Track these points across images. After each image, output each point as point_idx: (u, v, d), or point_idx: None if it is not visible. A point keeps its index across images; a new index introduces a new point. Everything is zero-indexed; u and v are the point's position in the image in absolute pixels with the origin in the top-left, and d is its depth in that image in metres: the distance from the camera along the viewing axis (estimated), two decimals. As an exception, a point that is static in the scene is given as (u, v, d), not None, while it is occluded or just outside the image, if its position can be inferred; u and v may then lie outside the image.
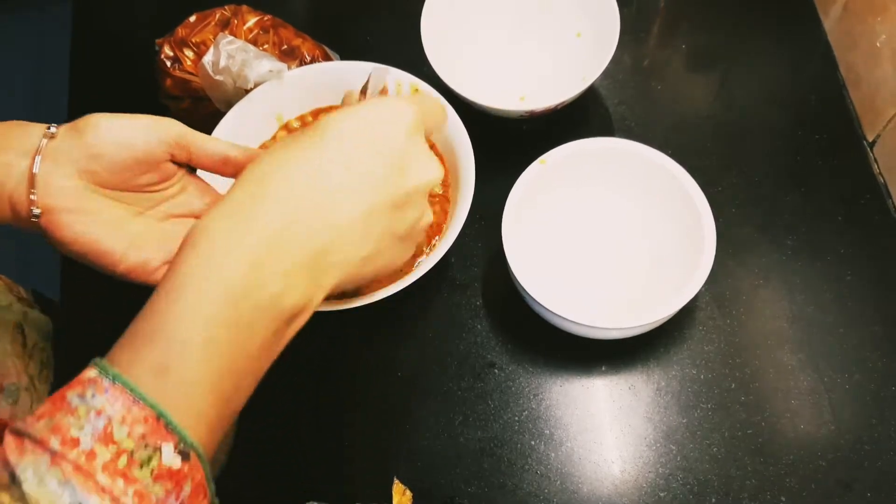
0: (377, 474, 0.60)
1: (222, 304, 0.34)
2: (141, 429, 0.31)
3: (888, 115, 0.67)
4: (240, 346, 0.35)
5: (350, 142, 0.38)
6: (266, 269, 0.35)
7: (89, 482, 0.30)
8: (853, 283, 0.64)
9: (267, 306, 0.36)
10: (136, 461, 0.31)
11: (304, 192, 0.37)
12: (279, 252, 0.36)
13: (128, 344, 0.34)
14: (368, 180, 0.38)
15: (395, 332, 0.65)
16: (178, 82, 0.69)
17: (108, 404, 0.31)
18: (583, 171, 0.63)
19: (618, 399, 0.61)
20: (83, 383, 0.32)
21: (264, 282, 0.35)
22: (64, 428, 0.30)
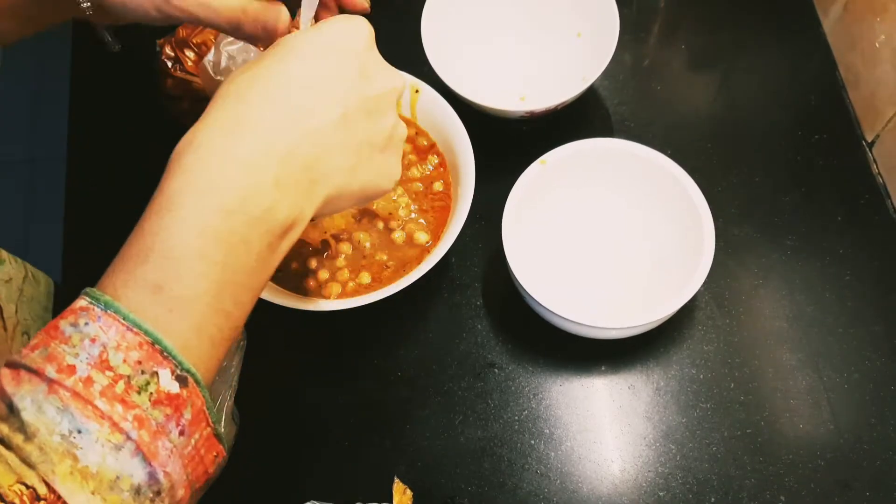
0: (377, 474, 0.60)
1: (215, 218, 0.34)
2: (136, 354, 0.31)
3: (888, 115, 0.67)
4: (235, 259, 0.35)
5: (314, 55, 0.39)
6: (257, 181, 0.35)
7: (88, 408, 0.30)
8: (853, 283, 0.64)
9: (260, 218, 0.35)
10: (133, 386, 0.30)
11: (281, 106, 0.37)
12: (267, 164, 0.36)
13: (120, 266, 0.34)
14: (338, 87, 0.39)
15: (395, 332, 0.66)
16: (178, 83, 0.69)
17: (101, 332, 0.31)
18: (583, 171, 0.64)
19: (617, 399, 0.62)
20: (75, 312, 0.32)
21: (256, 194, 0.35)
22: (59, 356, 0.30)
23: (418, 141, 0.66)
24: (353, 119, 0.39)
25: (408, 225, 0.63)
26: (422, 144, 0.66)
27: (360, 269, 0.61)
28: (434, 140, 0.65)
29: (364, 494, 0.58)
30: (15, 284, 0.67)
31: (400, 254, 0.62)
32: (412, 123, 0.66)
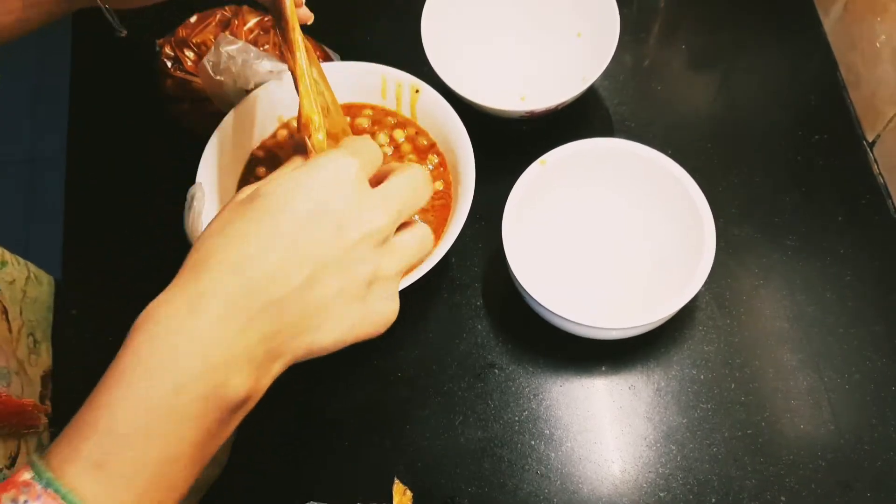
0: (377, 474, 0.60)
1: (165, 396, 0.34)
2: None
3: (888, 116, 0.67)
4: (183, 435, 0.34)
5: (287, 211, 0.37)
6: (209, 360, 0.35)
7: None
8: (853, 283, 0.64)
9: (211, 396, 0.35)
10: None
11: (242, 278, 0.36)
12: (221, 342, 0.35)
13: (67, 438, 0.33)
14: (307, 249, 0.37)
15: (395, 332, 0.65)
16: (178, 83, 0.69)
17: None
18: (583, 171, 0.64)
19: (618, 399, 0.61)
20: (17, 486, 0.32)
21: (207, 372, 0.34)
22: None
23: (418, 141, 0.66)
24: (321, 278, 0.37)
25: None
26: (422, 144, 0.66)
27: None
28: (434, 140, 0.65)
29: (364, 494, 0.58)
30: (18, 286, 0.67)
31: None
32: (412, 123, 0.66)
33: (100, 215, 0.73)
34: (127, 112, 0.77)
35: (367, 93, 0.66)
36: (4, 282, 0.66)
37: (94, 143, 0.77)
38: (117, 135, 0.77)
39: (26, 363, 0.65)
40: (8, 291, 0.66)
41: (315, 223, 0.37)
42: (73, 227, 0.73)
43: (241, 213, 0.37)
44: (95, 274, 0.71)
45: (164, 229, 0.65)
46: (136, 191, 0.73)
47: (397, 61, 0.65)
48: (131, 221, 0.72)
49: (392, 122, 0.67)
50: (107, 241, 0.72)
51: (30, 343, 0.66)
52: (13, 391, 0.62)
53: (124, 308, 0.68)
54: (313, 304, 0.38)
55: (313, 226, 0.37)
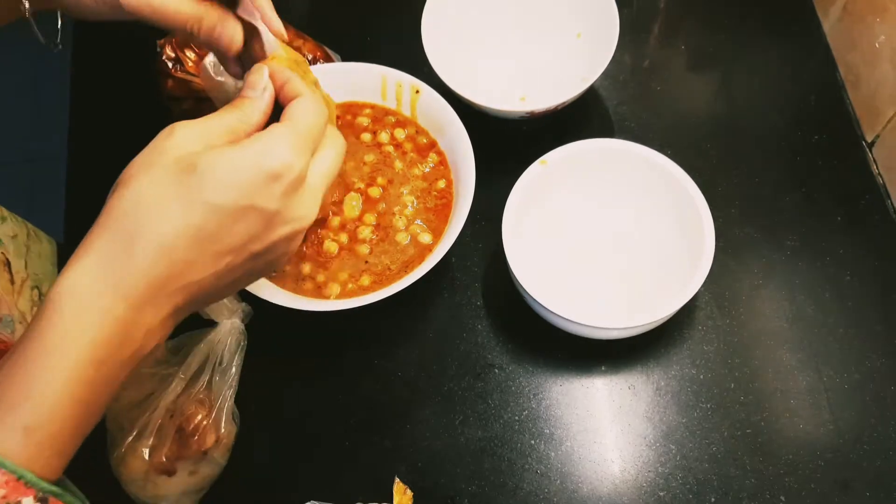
0: (377, 474, 0.60)
1: (89, 368, 0.36)
2: (3, 491, 0.33)
3: (888, 116, 0.67)
4: (103, 393, 0.37)
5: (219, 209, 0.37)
6: (130, 331, 0.37)
7: None
8: (853, 284, 0.64)
9: (128, 359, 0.37)
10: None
11: (169, 260, 0.37)
12: (142, 321, 0.37)
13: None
14: (231, 245, 0.38)
15: (395, 332, 0.66)
16: (179, 83, 0.69)
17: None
18: (583, 171, 0.64)
19: (617, 399, 0.62)
20: None
21: (128, 342, 0.37)
22: None
23: (419, 140, 0.66)
24: (238, 264, 0.39)
25: (411, 227, 0.63)
26: (422, 143, 0.66)
27: (360, 274, 0.62)
28: (434, 139, 0.66)
29: (364, 494, 0.59)
30: (21, 240, 0.67)
31: (403, 256, 0.62)
32: (412, 122, 0.66)
33: (100, 215, 0.73)
34: (127, 112, 0.77)
35: (367, 93, 0.67)
36: (7, 236, 0.66)
37: (95, 144, 0.77)
38: (118, 135, 0.76)
39: (28, 315, 0.65)
40: (12, 245, 0.65)
41: (243, 219, 0.38)
42: (73, 227, 0.73)
43: (177, 188, 0.37)
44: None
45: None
46: (137, 191, 0.73)
47: (397, 61, 0.65)
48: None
49: (392, 120, 0.67)
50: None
51: (34, 296, 0.66)
52: (17, 337, 0.62)
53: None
54: (227, 282, 0.40)
55: (240, 222, 0.38)
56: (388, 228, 0.63)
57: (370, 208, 0.64)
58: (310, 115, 0.41)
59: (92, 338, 0.36)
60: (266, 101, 0.42)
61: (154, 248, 0.37)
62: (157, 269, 0.37)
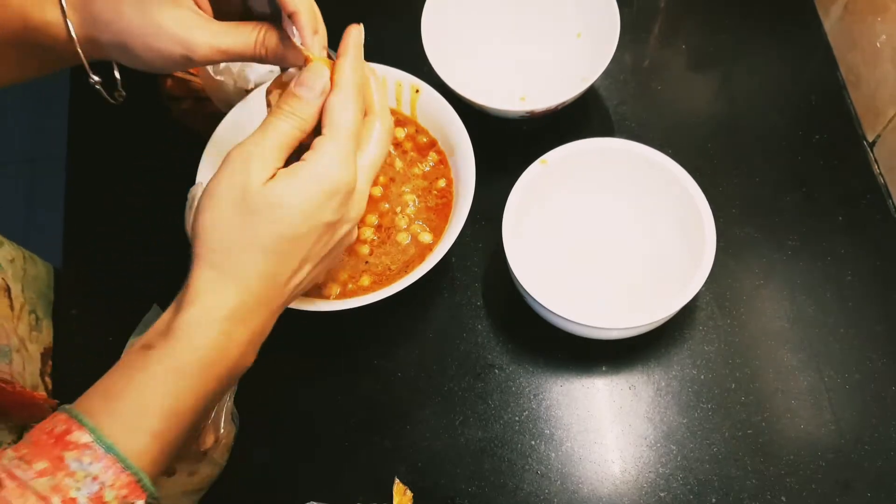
0: (377, 474, 0.60)
1: (213, 384, 0.42)
2: (125, 491, 0.38)
3: (888, 115, 0.67)
4: (211, 401, 0.42)
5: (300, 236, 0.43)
6: (244, 359, 0.43)
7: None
8: (854, 283, 0.64)
9: (239, 374, 0.43)
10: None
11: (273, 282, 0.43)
12: (257, 342, 0.44)
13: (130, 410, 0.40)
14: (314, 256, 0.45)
15: (395, 332, 0.65)
16: (178, 83, 0.69)
17: (102, 472, 0.37)
18: (583, 171, 0.63)
19: (618, 399, 0.61)
20: (80, 448, 0.38)
21: (243, 364, 0.43)
22: (64, 489, 0.37)
23: (419, 139, 0.66)
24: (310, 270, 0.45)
25: (412, 226, 0.63)
26: (422, 142, 0.66)
27: (360, 274, 0.61)
28: (435, 138, 0.65)
29: (364, 494, 0.58)
30: (18, 264, 0.67)
31: (403, 256, 0.62)
32: (412, 122, 0.66)
33: (100, 215, 0.73)
34: (127, 112, 0.77)
35: None
36: (6, 260, 0.66)
37: (95, 143, 0.77)
38: (118, 135, 0.76)
39: (27, 340, 0.65)
40: (10, 269, 0.66)
41: (312, 235, 0.44)
42: (73, 227, 0.73)
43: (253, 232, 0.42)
44: (96, 273, 0.71)
45: (164, 229, 0.65)
46: (137, 190, 0.73)
47: (397, 61, 0.65)
48: (131, 221, 0.72)
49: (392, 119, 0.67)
50: (107, 241, 0.72)
51: (31, 320, 0.67)
52: (14, 368, 0.62)
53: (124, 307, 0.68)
54: (305, 286, 0.46)
55: (310, 238, 0.44)
56: (389, 228, 0.63)
57: (372, 208, 0.63)
58: (348, 113, 0.45)
59: (217, 358, 0.41)
60: (321, 104, 0.45)
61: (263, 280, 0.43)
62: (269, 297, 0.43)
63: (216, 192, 0.43)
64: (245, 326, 0.42)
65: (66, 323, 0.69)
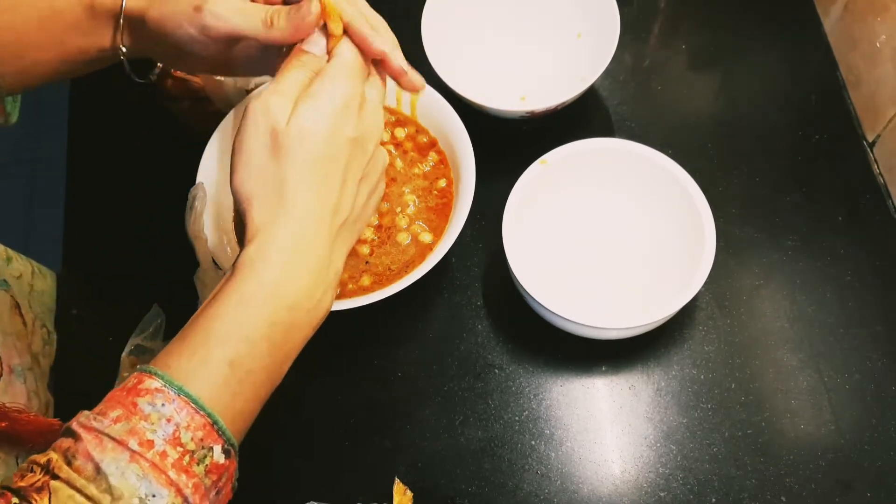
0: (377, 474, 0.60)
1: (282, 312, 0.42)
2: (200, 434, 0.39)
3: (888, 115, 0.67)
4: (291, 342, 0.43)
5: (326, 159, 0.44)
6: (309, 284, 0.43)
7: (162, 477, 0.37)
8: (853, 283, 0.64)
9: (311, 310, 0.44)
10: (195, 459, 0.38)
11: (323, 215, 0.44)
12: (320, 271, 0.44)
13: (196, 346, 0.41)
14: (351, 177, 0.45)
15: (395, 332, 0.65)
16: (178, 83, 0.69)
17: (175, 413, 0.38)
18: (583, 171, 0.63)
19: (618, 399, 0.61)
20: (151, 392, 0.38)
21: (309, 294, 0.43)
22: (140, 432, 0.37)
23: (419, 138, 0.66)
24: (361, 191, 0.46)
25: (412, 226, 0.63)
26: (422, 142, 0.66)
27: (360, 274, 0.61)
28: (435, 137, 0.65)
29: (364, 494, 0.58)
30: (25, 280, 0.67)
31: (404, 256, 0.62)
32: (412, 121, 0.66)
33: (100, 215, 0.73)
34: (127, 112, 0.77)
35: None
36: (13, 277, 0.66)
37: (95, 143, 0.77)
38: (117, 135, 0.76)
39: (40, 355, 0.65)
40: (17, 286, 0.66)
41: (348, 147, 0.45)
42: (73, 227, 0.73)
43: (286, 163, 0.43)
44: (96, 272, 0.71)
45: (164, 229, 0.65)
46: (137, 190, 0.73)
47: (397, 61, 0.65)
48: (131, 221, 0.72)
49: (392, 119, 0.67)
50: (107, 241, 0.72)
51: (44, 334, 0.67)
52: (28, 386, 0.62)
53: (124, 307, 0.68)
54: (358, 213, 0.47)
55: (347, 150, 0.45)
56: (390, 228, 0.63)
57: None
58: (352, 50, 0.47)
59: (279, 287, 0.42)
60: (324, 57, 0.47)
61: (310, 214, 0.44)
62: (319, 226, 0.44)
63: (245, 146, 0.44)
64: (306, 254, 0.43)
65: (66, 322, 0.69)
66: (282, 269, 0.43)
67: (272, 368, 0.43)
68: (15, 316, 0.63)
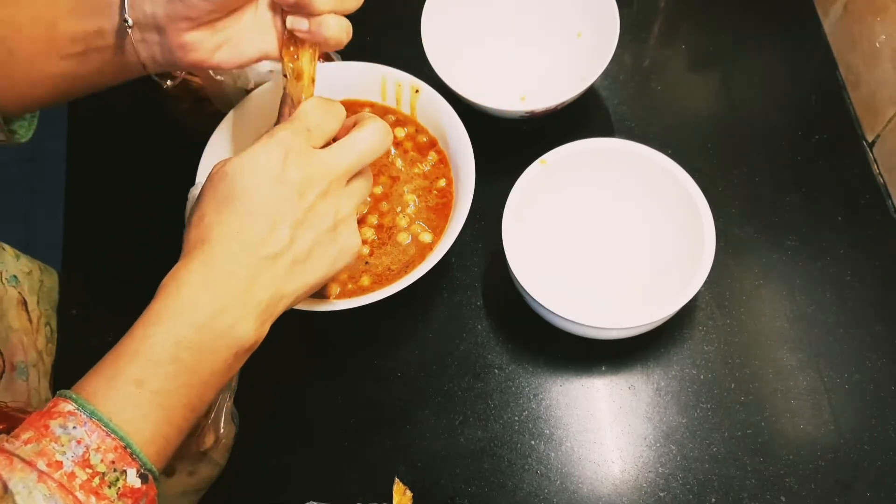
0: (377, 474, 0.60)
1: (189, 331, 0.42)
2: (112, 456, 0.38)
3: (888, 115, 0.67)
4: (203, 364, 0.43)
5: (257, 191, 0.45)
6: (222, 304, 0.43)
7: (69, 497, 0.36)
8: (853, 283, 0.64)
9: (225, 333, 0.43)
10: (106, 482, 0.38)
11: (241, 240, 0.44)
12: (231, 291, 0.44)
13: (108, 366, 0.41)
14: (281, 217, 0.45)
15: (395, 332, 0.65)
16: (178, 83, 0.69)
17: (86, 435, 0.38)
18: (583, 171, 0.64)
19: (618, 399, 0.61)
20: (63, 415, 0.38)
21: (221, 314, 0.43)
22: (49, 453, 0.37)
23: (419, 138, 0.66)
24: (298, 235, 0.46)
25: (412, 226, 0.63)
26: (422, 141, 0.66)
27: (360, 274, 0.61)
28: (434, 137, 0.65)
29: (364, 494, 0.58)
30: (35, 276, 0.67)
31: (404, 256, 0.62)
32: (412, 121, 0.66)
33: (100, 215, 0.73)
34: (127, 112, 0.77)
35: (366, 92, 0.67)
36: (23, 272, 0.66)
37: (95, 143, 0.77)
38: (117, 135, 0.76)
39: (44, 353, 0.65)
40: (27, 282, 0.66)
41: (276, 195, 0.45)
42: (73, 227, 0.73)
43: (221, 194, 0.45)
44: (96, 273, 0.71)
45: (164, 229, 0.65)
46: (137, 191, 0.73)
47: (397, 61, 0.65)
48: (131, 221, 0.72)
49: (392, 119, 0.67)
50: (107, 241, 0.72)
51: (47, 332, 0.67)
52: (31, 385, 0.62)
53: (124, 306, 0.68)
54: (296, 256, 0.46)
55: (276, 197, 0.45)
56: (391, 228, 0.63)
57: (373, 209, 0.64)
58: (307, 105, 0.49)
59: (188, 304, 0.42)
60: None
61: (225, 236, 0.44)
62: (232, 249, 0.44)
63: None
64: (216, 276, 0.43)
65: (66, 322, 0.69)
66: (189, 287, 0.43)
67: (184, 392, 0.42)
68: (21, 312, 0.64)
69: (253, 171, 0.45)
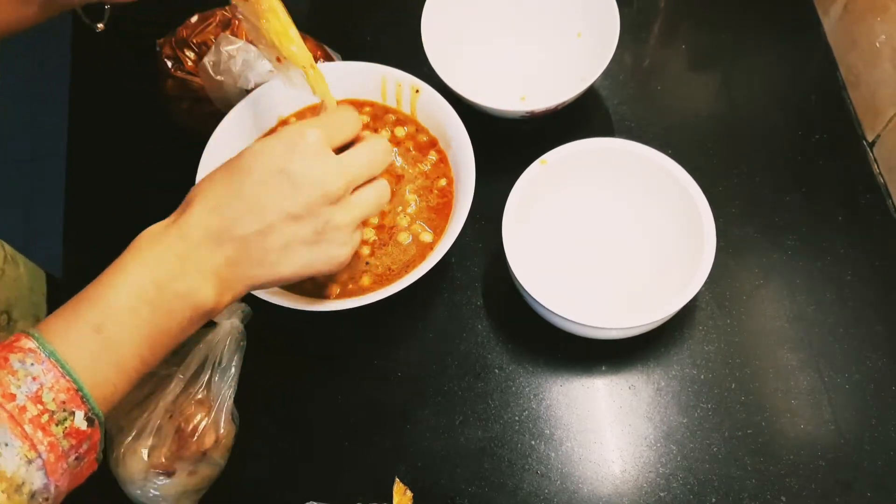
0: (377, 474, 0.60)
1: (150, 287, 0.44)
2: (63, 396, 0.40)
3: (888, 115, 0.67)
4: (159, 321, 0.44)
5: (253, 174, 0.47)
6: (184, 268, 0.45)
7: (17, 428, 0.38)
8: (853, 283, 0.64)
9: (184, 296, 0.45)
10: (54, 420, 0.39)
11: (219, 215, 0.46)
12: (196, 258, 0.45)
13: (70, 309, 0.43)
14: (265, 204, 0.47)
15: (395, 332, 0.65)
16: (178, 83, 0.69)
17: (42, 374, 0.40)
18: (583, 171, 0.64)
19: (618, 399, 0.61)
20: (24, 351, 0.40)
21: (182, 276, 0.45)
22: (5, 384, 0.39)
23: (419, 138, 0.66)
24: (277, 226, 0.47)
25: (413, 226, 0.63)
26: (422, 141, 0.66)
27: (360, 274, 0.61)
28: (434, 137, 0.65)
29: (364, 494, 0.58)
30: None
31: (404, 256, 0.62)
32: (412, 121, 0.66)
33: (100, 215, 0.73)
34: (127, 112, 0.77)
35: (366, 92, 0.67)
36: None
37: (95, 143, 0.77)
38: (117, 135, 0.76)
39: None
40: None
41: (274, 182, 0.47)
42: (73, 227, 0.73)
43: (225, 168, 0.48)
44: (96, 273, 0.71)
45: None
46: (137, 190, 0.73)
47: (397, 61, 0.65)
48: (131, 221, 0.72)
49: (392, 118, 0.67)
50: (107, 241, 0.71)
51: (2, 321, 0.66)
52: None
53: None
54: (271, 245, 0.47)
55: (272, 184, 0.47)
56: (392, 228, 0.63)
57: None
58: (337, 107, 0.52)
59: (154, 262, 0.44)
60: None
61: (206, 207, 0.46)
62: (207, 220, 0.46)
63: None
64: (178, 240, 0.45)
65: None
66: (160, 247, 0.45)
67: (138, 343, 0.43)
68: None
69: (262, 154, 0.47)
